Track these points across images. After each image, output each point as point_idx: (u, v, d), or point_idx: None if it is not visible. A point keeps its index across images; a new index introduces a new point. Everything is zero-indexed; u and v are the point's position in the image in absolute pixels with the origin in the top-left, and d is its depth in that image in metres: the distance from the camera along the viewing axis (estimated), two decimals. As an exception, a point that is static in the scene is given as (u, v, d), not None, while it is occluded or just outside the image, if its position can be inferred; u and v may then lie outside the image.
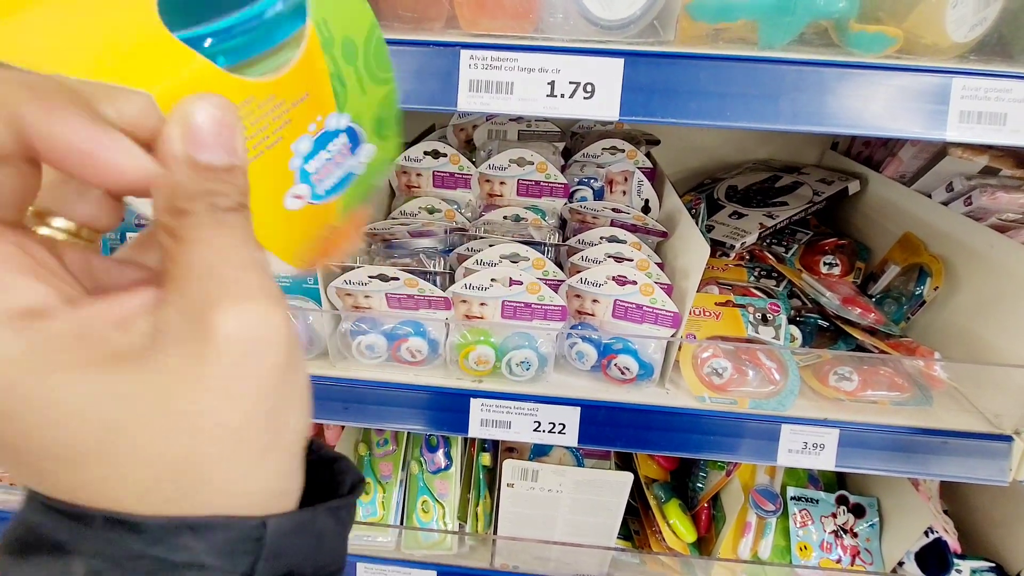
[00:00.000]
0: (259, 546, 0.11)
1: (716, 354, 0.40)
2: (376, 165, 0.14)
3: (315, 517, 0.13)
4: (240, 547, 0.11)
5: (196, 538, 0.11)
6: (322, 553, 0.13)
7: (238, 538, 0.11)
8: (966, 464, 0.38)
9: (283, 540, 0.12)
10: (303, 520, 0.12)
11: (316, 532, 0.13)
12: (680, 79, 0.29)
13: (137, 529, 0.10)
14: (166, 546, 0.11)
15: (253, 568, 0.11)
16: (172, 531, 0.11)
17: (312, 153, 0.12)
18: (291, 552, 0.12)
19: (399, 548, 0.50)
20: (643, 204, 0.52)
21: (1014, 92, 0.29)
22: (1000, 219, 0.45)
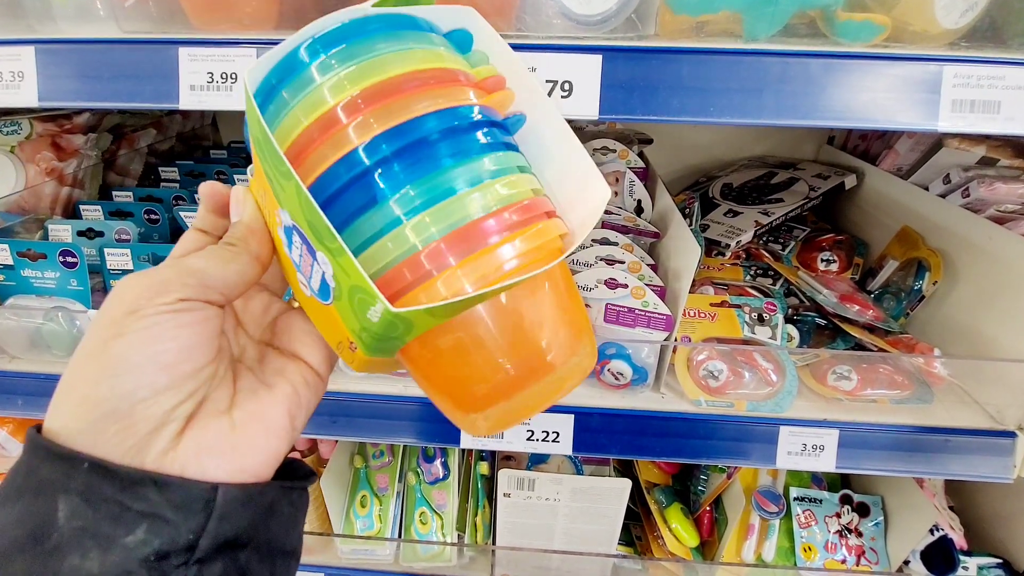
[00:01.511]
0: (210, 507, 0.13)
1: (712, 356, 0.39)
2: (356, 294, 0.12)
3: (265, 491, 0.14)
4: (194, 506, 0.13)
5: (157, 492, 0.13)
6: (273, 528, 0.14)
7: (192, 498, 0.13)
8: (969, 462, 0.37)
9: (233, 506, 0.13)
10: (252, 492, 0.14)
11: (266, 505, 0.14)
12: (661, 75, 0.28)
13: (112, 475, 0.12)
14: (131, 495, 0.12)
15: (203, 526, 0.13)
16: (139, 481, 0.13)
17: (288, 244, 0.14)
18: (240, 519, 0.14)
19: (397, 561, 0.50)
20: (636, 204, 0.51)
21: (1008, 79, 0.28)
22: (999, 210, 0.44)
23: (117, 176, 0.59)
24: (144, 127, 0.61)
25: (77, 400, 0.13)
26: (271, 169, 0.13)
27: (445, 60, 0.14)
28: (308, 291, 0.14)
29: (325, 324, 0.15)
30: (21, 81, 0.30)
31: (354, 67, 0.13)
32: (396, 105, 0.12)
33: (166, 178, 0.59)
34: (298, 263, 0.14)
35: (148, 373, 0.13)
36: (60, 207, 0.51)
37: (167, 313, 0.13)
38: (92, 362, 0.13)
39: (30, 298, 0.43)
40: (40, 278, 0.43)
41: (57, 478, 0.12)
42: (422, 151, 0.12)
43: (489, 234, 0.12)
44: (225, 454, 0.14)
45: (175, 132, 0.66)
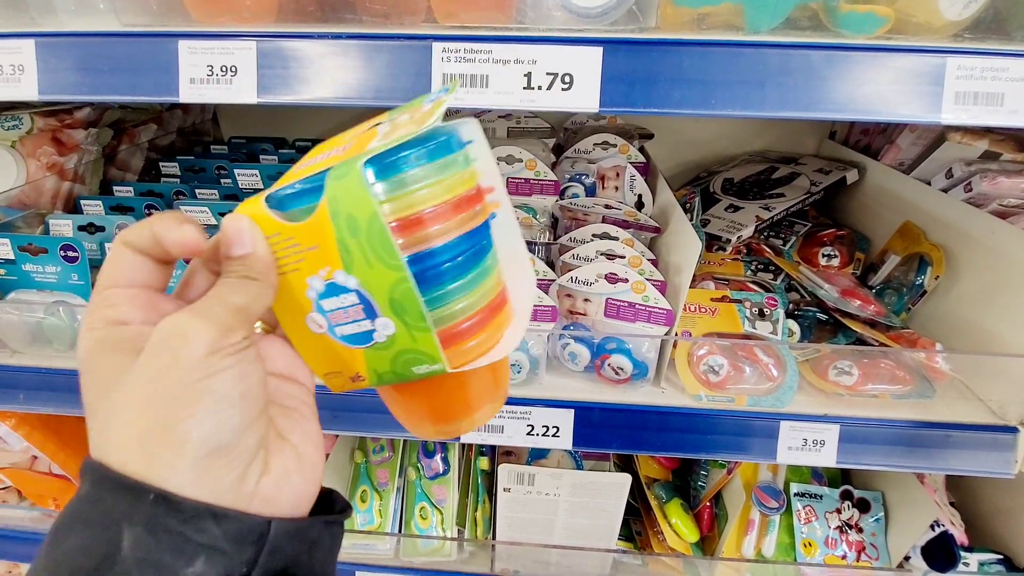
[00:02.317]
0: (263, 541, 0.14)
1: (712, 351, 0.39)
2: (407, 354, 0.16)
3: (311, 526, 0.15)
4: (248, 538, 0.14)
5: (217, 524, 0.13)
6: (314, 560, 0.15)
7: (247, 530, 0.14)
8: (971, 457, 0.37)
9: (283, 540, 0.14)
10: (301, 526, 0.15)
11: (311, 539, 0.15)
12: (662, 67, 0.28)
13: (177, 508, 0.13)
14: (193, 527, 0.13)
15: (256, 559, 0.14)
16: (200, 514, 0.13)
17: (324, 294, 0.16)
18: (288, 552, 0.14)
19: (398, 556, 0.50)
20: (636, 199, 0.51)
21: (1011, 71, 0.28)
22: (1001, 205, 0.43)
23: (118, 171, 0.59)
24: (145, 122, 0.61)
25: (181, 439, 0.13)
26: (363, 248, 0.15)
27: (473, 180, 0.17)
28: (320, 331, 0.16)
29: (326, 357, 0.17)
30: (21, 75, 0.30)
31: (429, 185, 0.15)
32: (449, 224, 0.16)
33: (167, 173, 0.59)
34: (326, 310, 0.16)
35: (246, 406, 0.14)
36: (61, 202, 0.52)
37: (243, 350, 0.14)
38: (185, 403, 0.13)
39: (31, 292, 0.43)
40: (41, 272, 0.43)
41: (123, 509, 0.13)
42: (456, 261, 0.16)
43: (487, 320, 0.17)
44: (301, 472, 0.15)
45: (175, 127, 0.66)
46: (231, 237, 0.16)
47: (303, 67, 0.29)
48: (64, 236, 0.45)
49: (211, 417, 0.13)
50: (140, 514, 0.13)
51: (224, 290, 0.15)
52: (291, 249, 0.16)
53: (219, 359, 0.14)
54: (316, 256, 0.15)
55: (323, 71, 0.29)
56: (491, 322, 0.17)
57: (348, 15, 0.30)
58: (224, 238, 0.16)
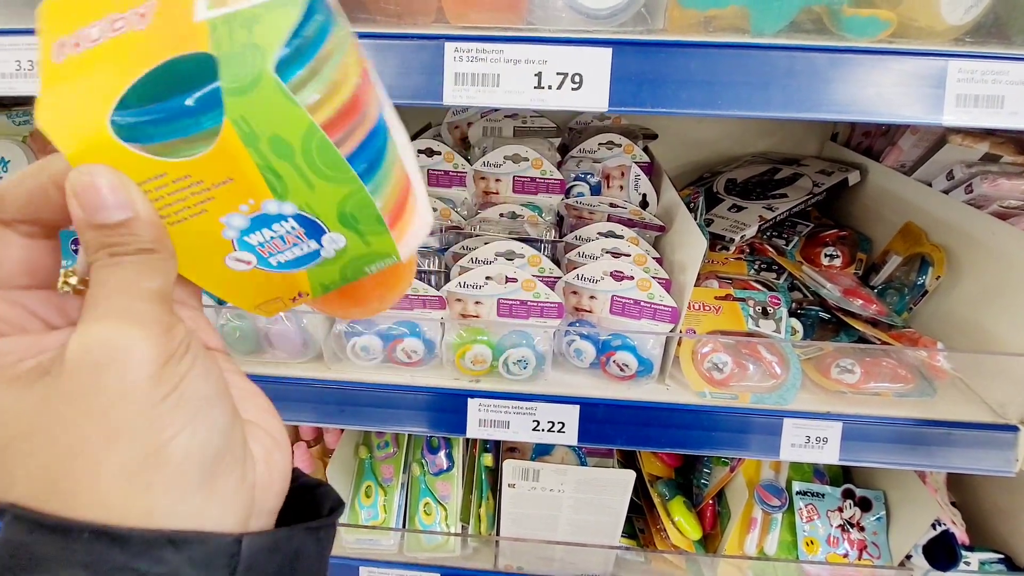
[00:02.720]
0: (234, 561, 0.12)
1: (716, 349, 0.40)
2: (359, 259, 0.15)
3: (292, 536, 0.13)
4: (216, 561, 0.12)
5: (175, 551, 0.11)
6: (299, 571, 0.13)
7: (214, 552, 0.12)
8: (971, 455, 0.37)
9: (259, 556, 0.12)
10: (279, 538, 0.13)
11: (293, 551, 0.13)
12: (670, 68, 0.29)
13: (121, 541, 0.11)
14: (148, 559, 0.11)
15: None
16: (154, 544, 0.11)
17: (250, 229, 0.14)
18: (267, 568, 0.13)
19: (402, 551, 0.50)
20: (641, 199, 0.52)
21: (1011, 74, 0.28)
22: (1002, 206, 0.44)
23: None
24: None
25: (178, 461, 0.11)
26: (299, 168, 0.12)
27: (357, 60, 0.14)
28: (247, 268, 0.14)
29: (253, 290, 0.15)
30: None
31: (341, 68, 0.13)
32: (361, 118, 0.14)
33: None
34: (253, 244, 0.14)
35: (224, 400, 0.12)
36: (72, 198, 0.52)
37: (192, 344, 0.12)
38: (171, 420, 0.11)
39: (43, 286, 0.43)
40: (53, 267, 0.43)
41: (52, 552, 0.11)
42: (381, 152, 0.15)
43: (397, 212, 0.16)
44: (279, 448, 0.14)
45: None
46: (93, 198, 0.11)
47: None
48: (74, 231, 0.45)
49: (199, 427, 0.12)
50: (77, 556, 0.11)
51: (126, 276, 0.11)
52: (187, 191, 0.12)
53: (175, 366, 0.11)
54: (231, 190, 0.12)
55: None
56: (407, 201, 0.15)
57: (361, 14, 0.30)
58: (82, 200, 0.11)
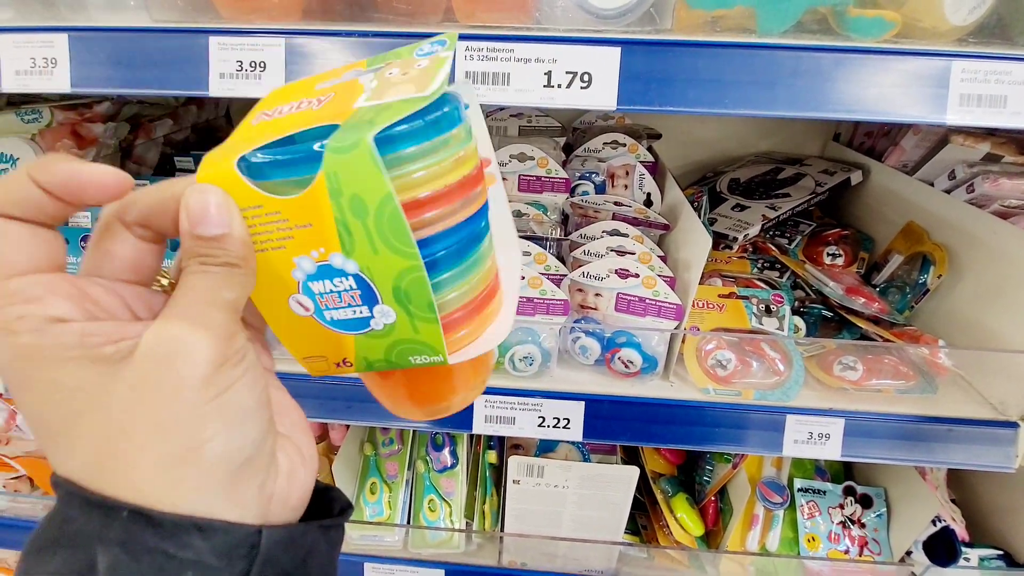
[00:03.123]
0: (255, 552, 0.13)
1: (720, 346, 0.40)
2: (405, 343, 0.15)
3: (306, 532, 0.14)
4: (238, 551, 0.12)
5: (202, 538, 0.12)
6: (311, 567, 0.14)
7: (237, 542, 0.13)
8: (971, 451, 0.38)
9: (276, 549, 0.13)
10: (295, 533, 0.14)
11: (307, 546, 0.14)
12: (677, 67, 0.29)
13: (155, 523, 0.12)
14: (176, 543, 0.12)
15: (248, 571, 0.13)
16: (183, 529, 0.12)
17: (315, 276, 0.14)
18: (283, 561, 0.13)
19: (406, 547, 0.50)
20: (645, 197, 0.52)
21: (1014, 74, 0.29)
22: (1003, 206, 0.44)
23: (134, 165, 0.59)
24: (160, 117, 0.62)
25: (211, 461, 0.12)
26: (369, 231, 0.13)
27: (476, 158, 0.15)
28: (305, 314, 0.15)
29: (308, 340, 0.15)
30: (54, 67, 0.31)
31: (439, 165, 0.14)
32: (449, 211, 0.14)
33: (181, 167, 0.60)
34: (315, 293, 0.14)
35: (263, 413, 0.13)
36: (79, 195, 0.52)
37: (248, 355, 0.13)
38: (211, 421, 0.12)
39: (51, 283, 0.44)
40: (61, 263, 0.43)
41: (95, 528, 0.12)
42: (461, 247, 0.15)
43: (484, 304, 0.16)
44: (305, 465, 0.14)
45: (190, 123, 0.67)
46: (200, 212, 0.13)
47: (330, 63, 0.30)
48: (83, 227, 0.45)
49: (235, 434, 0.12)
50: (114, 533, 0.12)
51: (209, 284, 0.13)
52: (274, 225, 0.13)
53: (228, 371, 0.12)
54: (308, 235, 0.13)
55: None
56: (483, 310, 0.16)
57: (373, 14, 0.31)
58: (190, 212, 0.13)
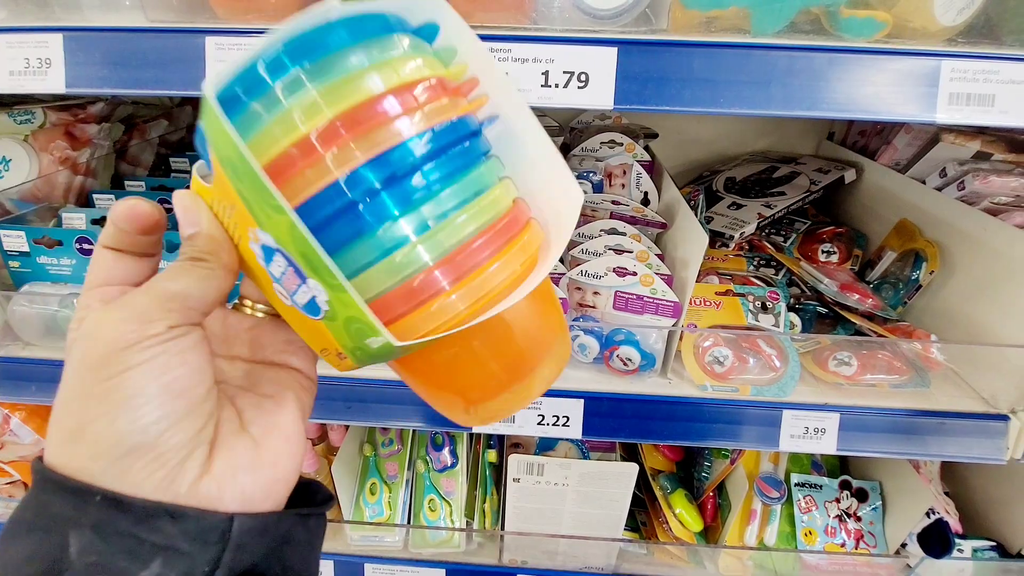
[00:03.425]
0: (226, 539, 0.13)
1: (717, 343, 0.41)
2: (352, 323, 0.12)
3: (281, 520, 0.14)
4: (209, 537, 0.13)
5: (172, 523, 0.12)
6: (290, 556, 0.14)
7: (207, 529, 0.13)
8: (964, 444, 0.38)
9: (247, 536, 0.13)
10: (268, 521, 0.14)
11: (282, 535, 0.14)
12: (674, 67, 0.29)
13: (126, 508, 0.12)
14: (147, 528, 0.12)
15: (219, 558, 0.13)
16: (154, 513, 0.12)
17: (265, 259, 0.13)
18: (256, 549, 0.13)
19: (407, 547, 0.50)
20: (642, 196, 0.52)
21: (1002, 73, 0.29)
22: (993, 203, 0.45)
23: (128, 166, 0.59)
24: (155, 118, 0.61)
25: (93, 441, 0.12)
26: (249, 193, 0.12)
27: (422, 69, 0.12)
28: (288, 302, 0.13)
29: (309, 332, 0.14)
30: (48, 68, 0.31)
31: (329, 85, 0.12)
32: (379, 130, 0.12)
33: (176, 168, 0.60)
34: (278, 278, 0.13)
35: (167, 402, 0.12)
36: (73, 196, 0.52)
37: (167, 341, 0.13)
38: (98, 401, 0.12)
39: (45, 285, 0.43)
40: (56, 265, 0.43)
41: (68, 512, 0.12)
42: (409, 180, 0.12)
43: (479, 255, 0.13)
44: (257, 469, 0.14)
45: (185, 123, 0.66)
46: (179, 217, 0.14)
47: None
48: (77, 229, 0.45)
49: (123, 416, 0.12)
50: (87, 517, 0.12)
51: (161, 276, 0.14)
52: (226, 215, 0.13)
53: (132, 353, 0.12)
54: (239, 217, 0.12)
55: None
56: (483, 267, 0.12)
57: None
58: (178, 220, 0.14)
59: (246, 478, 0.14)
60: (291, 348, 0.16)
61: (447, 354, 0.14)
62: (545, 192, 0.14)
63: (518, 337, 0.14)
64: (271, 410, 0.15)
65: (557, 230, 0.14)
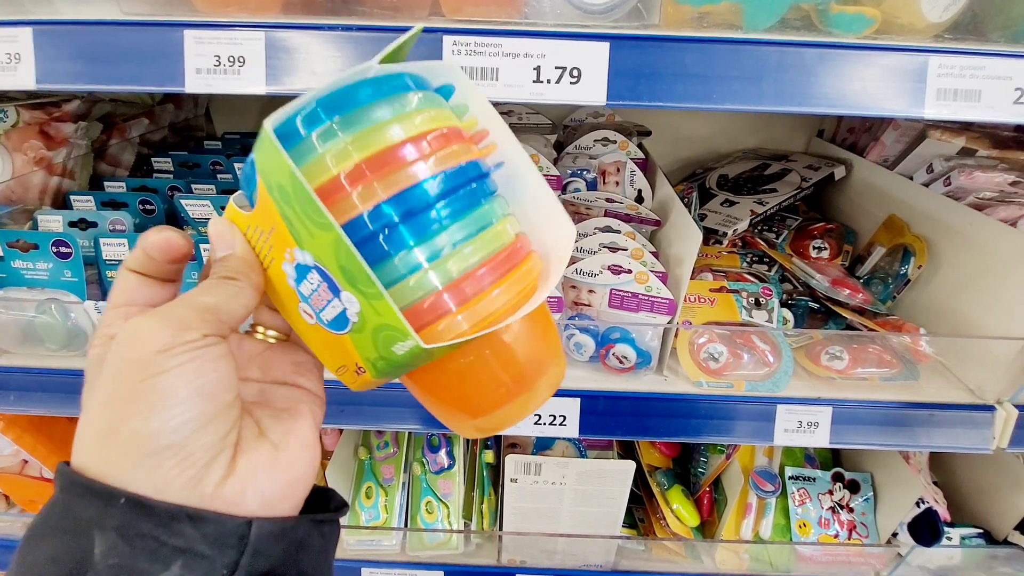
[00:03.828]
0: (244, 543, 0.13)
1: (712, 339, 0.41)
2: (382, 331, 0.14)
3: (297, 526, 0.15)
4: (228, 541, 0.13)
5: (193, 526, 0.13)
6: (305, 561, 0.15)
7: (227, 533, 0.13)
8: (952, 434, 0.39)
9: (265, 541, 0.14)
10: (286, 527, 0.14)
11: (298, 540, 0.15)
12: (666, 63, 0.29)
13: (149, 511, 0.13)
14: (168, 530, 0.13)
15: (237, 561, 0.13)
16: (176, 516, 0.13)
17: (298, 279, 0.15)
18: (273, 553, 0.14)
19: (404, 551, 0.50)
20: (636, 194, 0.52)
21: (988, 69, 0.30)
22: (978, 198, 0.46)
23: (108, 166, 0.57)
24: (136, 117, 0.59)
25: (127, 438, 0.13)
26: (299, 215, 0.14)
27: (437, 120, 0.15)
28: (312, 320, 0.15)
29: (330, 349, 0.15)
30: (18, 63, 0.29)
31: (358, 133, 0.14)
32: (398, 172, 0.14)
33: (159, 168, 0.58)
34: (307, 296, 0.15)
35: (198, 404, 0.13)
36: (49, 197, 0.50)
37: (201, 348, 0.13)
38: (134, 402, 0.13)
39: (21, 290, 0.42)
40: (32, 269, 0.41)
41: (93, 515, 0.12)
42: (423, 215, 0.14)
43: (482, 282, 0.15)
44: (276, 470, 0.14)
45: (168, 122, 0.64)
46: (213, 241, 0.16)
47: (313, 58, 0.29)
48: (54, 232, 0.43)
49: (157, 415, 0.13)
50: (111, 519, 0.12)
51: (195, 291, 0.15)
52: (261, 239, 0.15)
53: (169, 357, 0.13)
54: (277, 239, 0.14)
55: (333, 62, 0.29)
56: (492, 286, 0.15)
57: (357, 7, 0.30)
58: (211, 243, 0.16)
59: (266, 478, 0.14)
60: (300, 370, 0.17)
61: (457, 366, 0.15)
62: (544, 227, 0.17)
63: (519, 353, 0.16)
64: (287, 420, 0.16)
65: (555, 261, 0.17)
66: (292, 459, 0.15)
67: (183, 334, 0.13)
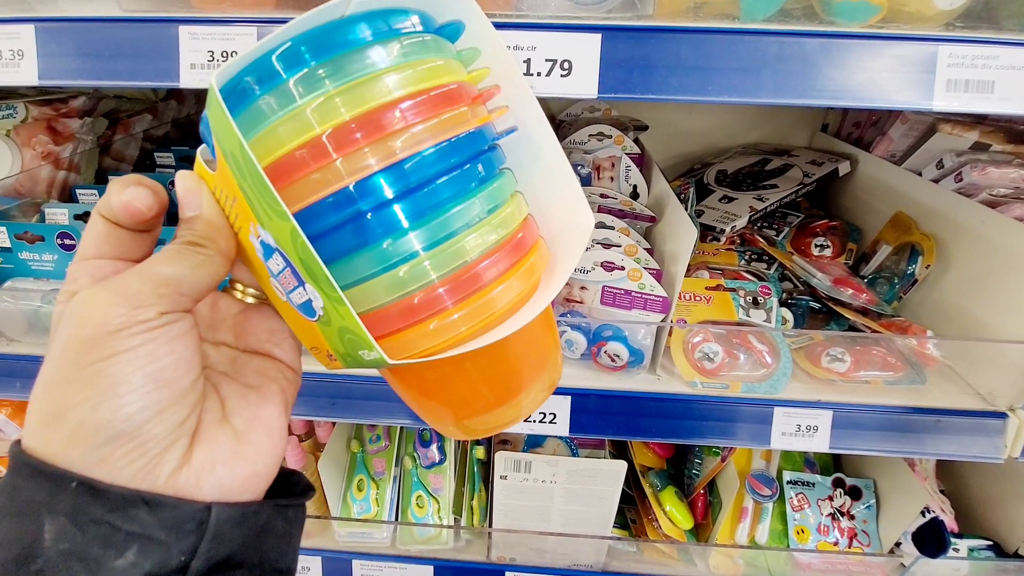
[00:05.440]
0: (203, 528, 0.13)
1: (707, 338, 0.40)
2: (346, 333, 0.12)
3: (260, 510, 0.14)
4: (186, 526, 0.12)
5: (149, 512, 0.12)
6: (267, 547, 0.14)
7: (185, 518, 0.12)
8: (960, 442, 0.38)
9: (226, 526, 0.13)
10: (247, 512, 0.14)
11: (260, 525, 0.14)
12: (660, 54, 0.28)
13: (102, 495, 0.12)
14: (122, 516, 0.12)
15: (196, 547, 0.12)
16: (130, 501, 0.12)
17: (264, 254, 0.12)
18: (234, 539, 0.13)
19: (394, 544, 0.50)
20: (631, 190, 0.51)
21: (1002, 59, 0.28)
22: (991, 195, 0.44)
23: (112, 161, 0.58)
24: (139, 112, 0.60)
25: (73, 426, 0.12)
26: (252, 191, 0.11)
27: (443, 74, 0.12)
28: (283, 298, 0.13)
29: (302, 330, 0.14)
30: (21, 60, 0.30)
31: (347, 85, 0.11)
32: (395, 138, 0.11)
33: (162, 163, 0.59)
34: (275, 274, 0.13)
35: (151, 392, 0.12)
36: (56, 191, 0.51)
37: (157, 328, 0.12)
38: (82, 386, 0.12)
39: (28, 280, 0.43)
40: (38, 260, 0.42)
41: (43, 498, 0.12)
42: (422, 193, 0.12)
43: (485, 276, 0.12)
44: (237, 462, 0.13)
45: (170, 118, 0.65)
46: (180, 198, 0.13)
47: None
48: (60, 224, 0.44)
49: (105, 404, 0.12)
50: (61, 504, 0.11)
51: (156, 258, 0.13)
52: (228, 203, 0.12)
53: (120, 339, 0.12)
54: (240, 209, 0.12)
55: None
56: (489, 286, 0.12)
57: None
58: (179, 201, 0.14)
59: (225, 471, 0.13)
60: (275, 339, 0.16)
61: (439, 372, 0.13)
62: (556, 210, 0.14)
63: (512, 360, 0.13)
64: (255, 402, 0.15)
65: (563, 253, 0.14)
66: (255, 452, 0.14)
67: (137, 312, 0.12)
